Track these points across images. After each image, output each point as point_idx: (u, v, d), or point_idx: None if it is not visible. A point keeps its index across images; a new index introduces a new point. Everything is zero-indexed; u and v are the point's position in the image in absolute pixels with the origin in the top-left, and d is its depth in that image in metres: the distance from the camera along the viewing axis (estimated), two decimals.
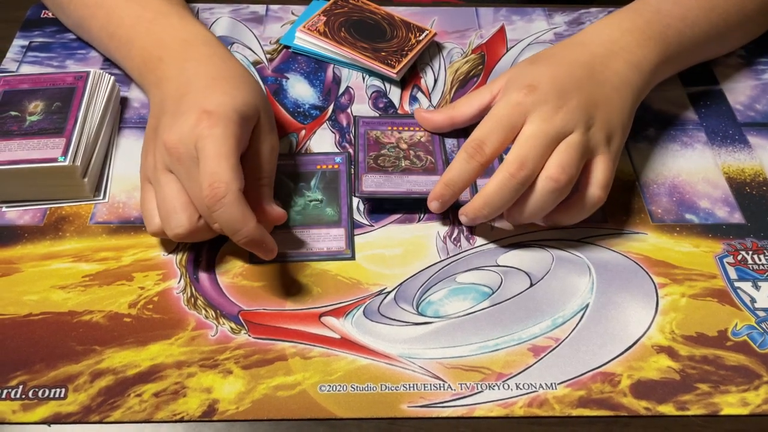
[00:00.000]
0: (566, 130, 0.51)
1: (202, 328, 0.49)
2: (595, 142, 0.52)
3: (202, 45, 0.57)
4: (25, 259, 0.53)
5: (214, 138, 0.47)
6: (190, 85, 0.52)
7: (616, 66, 0.56)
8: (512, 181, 0.50)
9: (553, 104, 0.52)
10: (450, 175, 0.52)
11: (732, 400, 0.46)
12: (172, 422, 0.44)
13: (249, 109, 0.51)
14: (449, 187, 0.52)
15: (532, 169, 0.50)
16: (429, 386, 0.46)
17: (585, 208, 0.52)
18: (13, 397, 0.45)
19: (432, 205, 0.53)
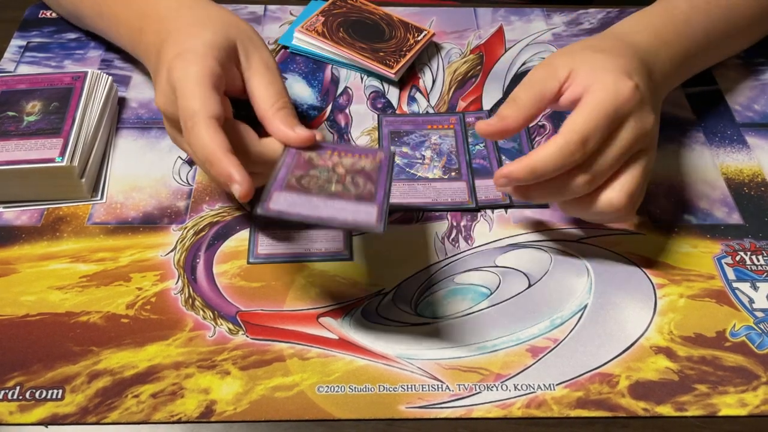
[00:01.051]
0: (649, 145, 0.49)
1: (199, 328, 0.49)
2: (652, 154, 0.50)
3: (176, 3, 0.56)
4: (23, 259, 0.52)
5: (181, 78, 0.47)
6: (163, 45, 0.52)
7: (656, 78, 0.53)
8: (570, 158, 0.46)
9: (650, 109, 0.48)
10: (539, 163, 0.46)
11: (730, 400, 0.46)
12: (170, 423, 0.44)
13: (218, 40, 0.50)
14: (533, 174, 0.46)
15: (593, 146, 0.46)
16: (427, 387, 0.46)
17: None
18: (10, 398, 0.45)
19: (499, 181, 0.48)
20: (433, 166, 0.59)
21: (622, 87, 0.47)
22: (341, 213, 0.43)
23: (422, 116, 0.63)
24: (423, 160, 0.60)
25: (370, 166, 0.48)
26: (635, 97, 0.47)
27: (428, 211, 0.56)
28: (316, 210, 0.43)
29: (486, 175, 0.58)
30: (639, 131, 0.48)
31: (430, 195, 0.57)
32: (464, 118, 0.63)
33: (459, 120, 0.63)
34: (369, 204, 0.44)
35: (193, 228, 0.55)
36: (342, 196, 0.45)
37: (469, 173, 0.58)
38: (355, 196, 0.45)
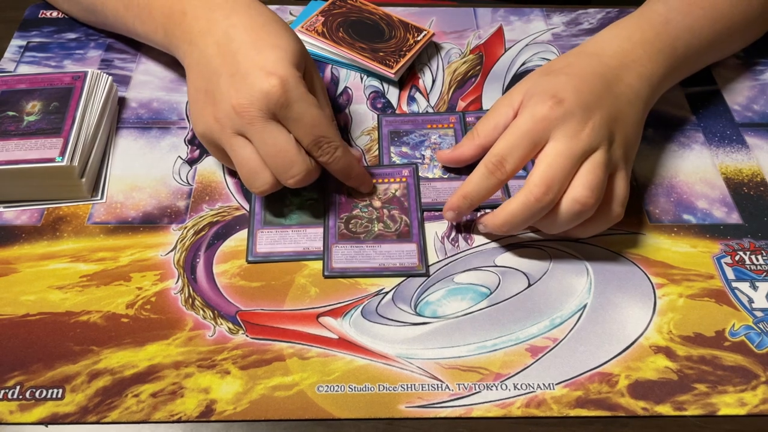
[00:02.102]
0: (592, 148, 0.50)
1: (199, 328, 0.49)
2: (616, 158, 0.51)
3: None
4: (23, 259, 0.52)
5: (299, 105, 0.50)
6: (233, 42, 0.52)
7: (628, 79, 0.54)
8: (537, 205, 0.49)
9: (579, 119, 0.50)
10: (468, 189, 0.52)
11: (729, 400, 0.46)
12: (170, 423, 0.44)
13: (299, 56, 0.53)
14: (466, 200, 0.52)
15: (557, 191, 0.49)
16: (427, 386, 0.46)
17: (604, 224, 0.52)
18: (10, 398, 0.45)
19: (447, 215, 0.54)
20: (433, 165, 0.59)
21: (539, 108, 0.50)
22: (389, 260, 0.53)
23: (422, 116, 0.63)
24: (423, 160, 0.60)
25: (400, 190, 0.57)
26: (552, 114, 0.50)
27: (428, 211, 0.56)
28: (370, 260, 0.52)
29: None
30: (566, 140, 0.49)
31: (430, 195, 0.57)
32: (464, 118, 0.63)
33: (459, 119, 0.63)
34: (408, 242, 0.54)
35: (193, 228, 0.55)
36: (385, 237, 0.54)
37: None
38: (396, 234, 0.54)
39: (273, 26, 0.53)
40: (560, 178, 0.49)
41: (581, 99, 0.51)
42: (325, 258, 0.52)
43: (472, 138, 0.56)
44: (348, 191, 0.57)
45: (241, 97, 0.49)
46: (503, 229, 0.51)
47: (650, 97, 0.56)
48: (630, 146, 0.53)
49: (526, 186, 0.49)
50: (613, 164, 0.51)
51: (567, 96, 0.51)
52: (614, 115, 0.52)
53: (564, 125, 0.50)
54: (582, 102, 0.51)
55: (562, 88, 0.51)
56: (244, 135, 0.50)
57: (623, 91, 0.54)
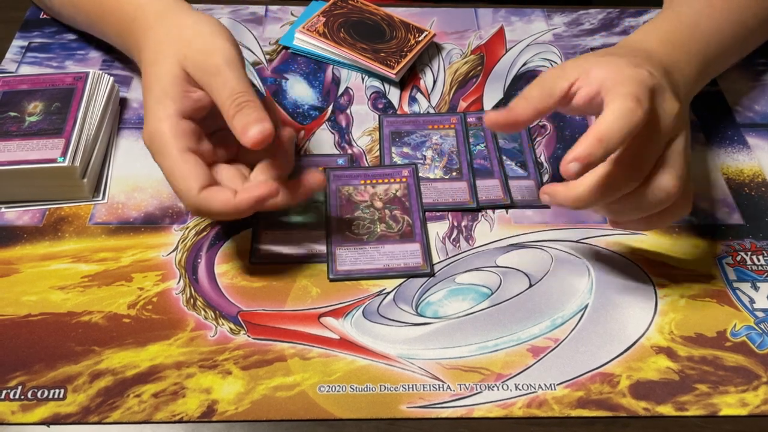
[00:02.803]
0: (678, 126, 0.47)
1: (201, 328, 0.49)
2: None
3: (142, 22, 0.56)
4: (24, 259, 0.52)
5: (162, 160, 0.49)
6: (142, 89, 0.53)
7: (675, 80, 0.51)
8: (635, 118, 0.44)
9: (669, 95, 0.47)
10: (605, 128, 0.43)
11: (731, 400, 0.46)
12: (171, 423, 0.44)
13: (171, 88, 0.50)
14: (602, 144, 0.43)
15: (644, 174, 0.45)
16: (428, 387, 0.46)
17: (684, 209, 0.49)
18: (12, 398, 0.45)
19: (571, 167, 0.43)
20: (434, 166, 0.59)
21: (638, 71, 0.46)
22: (393, 260, 0.52)
23: (423, 116, 0.63)
24: (424, 161, 0.60)
25: (400, 191, 0.56)
26: (652, 79, 0.46)
27: (429, 211, 0.56)
28: (374, 261, 0.52)
29: (487, 176, 0.59)
30: (666, 111, 0.46)
31: (431, 195, 0.57)
32: (465, 118, 0.63)
33: (460, 120, 0.63)
34: (411, 242, 0.53)
35: (195, 228, 0.55)
36: (388, 237, 0.53)
37: (470, 173, 0.59)
38: (398, 234, 0.54)
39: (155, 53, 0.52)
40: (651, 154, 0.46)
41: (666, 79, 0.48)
42: (329, 261, 0.52)
43: (525, 102, 0.48)
44: (348, 193, 0.56)
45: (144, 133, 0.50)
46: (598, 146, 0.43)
47: (687, 102, 0.53)
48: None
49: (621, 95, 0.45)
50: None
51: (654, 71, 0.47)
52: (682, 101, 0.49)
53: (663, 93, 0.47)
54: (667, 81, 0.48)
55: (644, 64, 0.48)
56: None
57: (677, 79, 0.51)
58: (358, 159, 0.60)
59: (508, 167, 0.59)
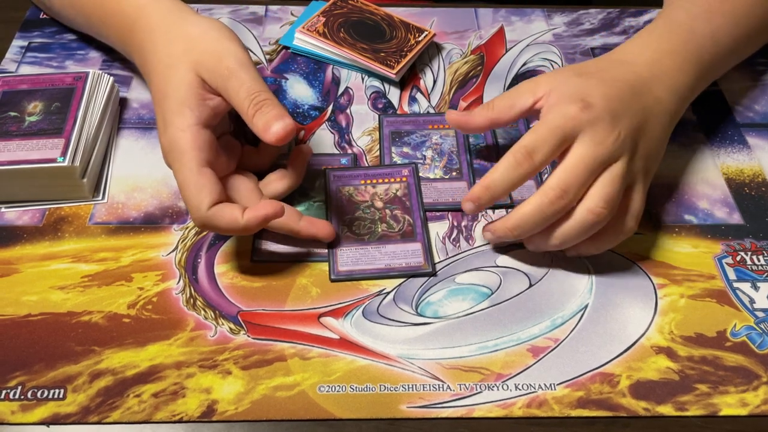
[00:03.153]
0: (614, 157, 0.49)
1: (201, 328, 0.49)
2: (636, 172, 0.50)
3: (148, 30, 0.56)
4: (24, 259, 0.52)
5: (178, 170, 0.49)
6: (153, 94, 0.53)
7: (658, 92, 0.53)
8: (550, 208, 0.48)
9: (606, 126, 0.49)
10: (492, 178, 0.50)
11: (731, 400, 0.46)
12: (171, 423, 0.44)
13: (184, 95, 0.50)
14: (488, 191, 0.50)
15: (573, 196, 0.48)
16: (428, 387, 0.46)
17: (615, 238, 0.51)
18: (12, 398, 0.45)
19: (466, 205, 0.51)
20: (434, 166, 0.59)
21: (570, 108, 0.49)
22: (395, 260, 0.52)
23: (423, 116, 0.63)
24: (424, 161, 0.60)
25: (401, 190, 0.56)
26: (582, 116, 0.49)
27: (429, 211, 0.56)
28: (375, 261, 0.52)
29: None
30: (596, 141, 0.49)
31: (431, 195, 0.57)
32: None
33: None
34: (413, 242, 0.53)
35: (195, 228, 0.55)
36: (390, 237, 0.53)
37: (470, 173, 0.59)
38: (399, 233, 0.54)
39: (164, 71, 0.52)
40: (577, 184, 0.48)
41: (610, 106, 0.50)
42: (330, 261, 0.52)
43: (486, 109, 0.54)
44: (348, 193, 0.57)
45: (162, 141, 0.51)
46: (514, 233, 0.50)
47: (678, 110, 0.55)
48: (652, 160, 0.52)
49: (542, 189, 0.48)
50: (631, 176, 0.50)
51: (597, 101, 0.50)
52: (640, 126, 0.51)
53: (591, 129, 0.49)
54: (611, 109, 0.50)
55: (593, 92, 0.51)
56: None
57: (651, 104, 0.53)
58: (359, 159, 0.60)
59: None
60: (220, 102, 0.51)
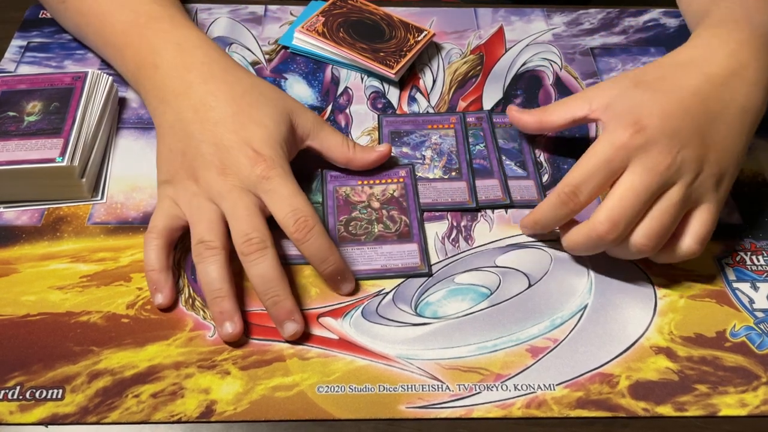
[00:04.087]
0: (671, 181, 0.47)
1: (200, 328, 0.49)
2: (702, 190, 0.48)
3: (196, 49, 0.57)
4: (23, 259, 0.52)
5: (278, 181, 0.50)
6: (212, 111, 0.53)
7: (737, 87, 0.50)
8: (600, 242, 0.48)
9: (662, 149, 0.47)
10: (539, 216, 0.51)
11: (730, 401, 0.46)
12: (170, 423, 0.44)
13: (284, 126, 0.53)
14: (537, 226, 0.52)
15: (623, 230, 0.47)
16: (427, 387, 0.46)
17: (674, 258, 0.50)
18: (10, 398, 0.45)
19: (522, 230, 0.54)
20: (434, 166, 0.59)
21: (619, 135, 0.48)
22: (391, 260, 0.52)
23: (422, 116, 0.63)
24: (423, 161, 0.60)
25: (398, 190, 0.57)
26: (632, 143, 0.47)
27: (428, 211, 0.56)
28: (372, 261, 0.52)
29: (486, 176, 0.58)
30: (643, 174, 0.47)
31: (430, 195, 0.57)
32: (464, 118, 0.63)
33: (459, 119, 0.63)
34: (409, 242, 0.53)
35: None
36: (386, 238, 0.54)
37: (470, 173, 0.58)
38: (396, 234, 0.54)
39: (253, 96, 0.54)
40: (628, 217, 0.47)
41: (668, 125, 0.48)
42: None
43: (540, 110, 0.56)
44: (345, 194, 0.57)
45: (228, 168, 0.50)
46: (534, 226, 0.52)
47: (763, 102, 0.51)
48: (725, 172, 0.49)
49: (592, 219, 0.47)
50: (696, 198, 0.48)
51: (651, 122, 0.48)
52: (709, 140, 0.48)
53: (644, 155, 0.47)
54: (668, 129, 0.48)
55: (649, 110, 0.48)
56: (216, 201, 0.51)
57: (727, 105, 0.50)
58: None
59: (507, 167, 0.59)
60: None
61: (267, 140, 0.51)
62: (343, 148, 0.56)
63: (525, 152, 0.60)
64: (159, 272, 0.50)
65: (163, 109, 0.55)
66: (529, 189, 0.58)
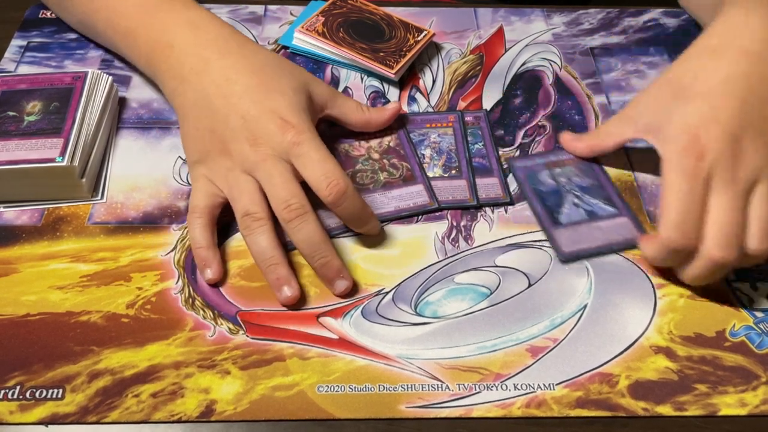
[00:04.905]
0: (753, 177, 0.47)
1: (200, 328, 0.49)
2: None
3: (209, 25, 0.58)
4: (23, 259, 0.52)
5: (309, 145, 0.50)
6: (235, 84, 0.53)
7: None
8: (724, 269, 0.47)
9: (729, 157, 0.46)
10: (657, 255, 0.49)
11: (730, 400, 0.46)
12: (170, 423, 0.44)
13: (304, 95, 0.54)
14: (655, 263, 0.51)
15: (738, 245, 0.46)
16: (427, 387, 0.46)
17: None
18: (11, 398, 0.45)
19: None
20: (433, 164, 0.59)
21: (684, 164, 0.47)
22: (402, 202, 0.56)
23: (421, 115, 0.63)
24: (423, 159, 0.60)
25: (393, 141, 0.60)
26: (700, 170, 0.47)
27: (428, 212, 0.56)
28: (385, 206, 0.56)
29: (485, 174, 0.58)
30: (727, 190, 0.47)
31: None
32: (463, 116, 0.63)
33: (457, 118, 0.63)
34: (415, 184, 0.57)
35: None
36: (393, 183, 0.57)
37: (469, 171, 0.59)
38: (401, 178, 0.57)
39: (272, 67, 0.55)
40: (737, 235, 0.46)
41: (725, 132, 0.47)
42: None
43: (591, 137, 0.58)
44: (345, 150, 0.59)
45: (259, 138, 0.51)
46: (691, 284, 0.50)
47: None
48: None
49: (706, 253, 0.47)
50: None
51: (708, 139, 0.47)
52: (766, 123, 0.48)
53: (718, 173, 0.47)
54: (727, 135, 0.47)
55: (701, 128, 0.47)
56: (251, 173, 0.51)
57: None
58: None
59: (595, 205, 0.56)
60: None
61: (292, 108, 0.52)
62: (359, 112, 0.59)
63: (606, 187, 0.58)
64: (207, 249, 0.51)
65: (183, 89, 0.55)
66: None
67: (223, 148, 0.52)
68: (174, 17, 0.58)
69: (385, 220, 0.55)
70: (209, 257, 0.51)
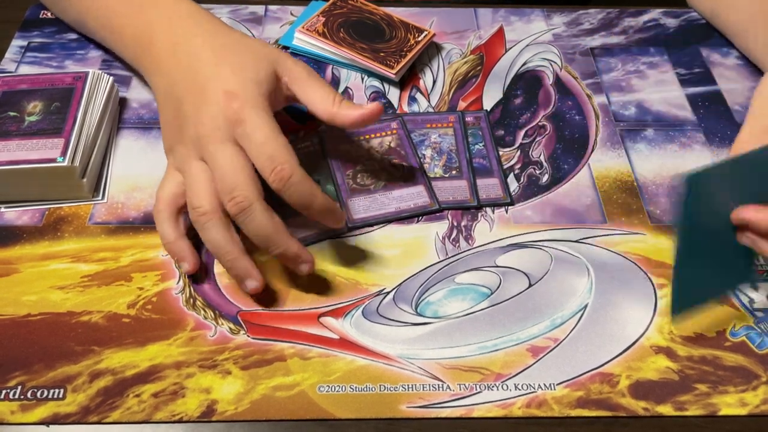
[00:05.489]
0: None
1: (200, 328, 0.49)
2: None
3: (188, 18, 0.57)
4: (24, 259, 0.52)
5: (253, 123, 0.48)
6: (194, 66, 0.52)
7: None
8: None
9: None
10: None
11: (730, 400, 0.46)
12: (171, 423, 0.44)
13: (263, 71, 0.52)
14: None
15: None
16: (428, 387, 0.46)
17: None
18: (12, 398, 0.45)
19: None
20: (434, 165, 0.59)
21: None
22: (403, 203, 0.56)
23: (421, 115, 0.63)
24: (423, 159, 0.60)
25: (393, 141, 0.60)
26: None
27: (428, 213, 0.56)
28: (386, 206, 0.56)
29: (485, 175, 0.59)
30: None
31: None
32: (463, 117, 0.63)
33: (458, 118, 0.63)
34: (415, 185, 0.57)
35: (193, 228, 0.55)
36: (393, 183, 0.57)
37: (470, 171, 0.59)
38: (401, 178, 0.57)
39: (234, 44, 0.54)
40: None
41: None
42: None
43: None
44: (347, 152, 0.59)
45: (202, 117, 0.49)
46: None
47: None
48: None
49: None
50: None
51: None
52: None
53: None
54: None
55: None
56: (203, 158, 0.50)
57: None
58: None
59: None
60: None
61: (244, 81, 0.50)
62: (326, 104, 0.53)
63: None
64: (175, 243, 0.50)
65: (156, 81, 0.56)
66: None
67: (181, 136, 0.51)
68: (159, 13, 0.58)
69: (386, 221, 0.55)
70: (179, 250, 0.50)
